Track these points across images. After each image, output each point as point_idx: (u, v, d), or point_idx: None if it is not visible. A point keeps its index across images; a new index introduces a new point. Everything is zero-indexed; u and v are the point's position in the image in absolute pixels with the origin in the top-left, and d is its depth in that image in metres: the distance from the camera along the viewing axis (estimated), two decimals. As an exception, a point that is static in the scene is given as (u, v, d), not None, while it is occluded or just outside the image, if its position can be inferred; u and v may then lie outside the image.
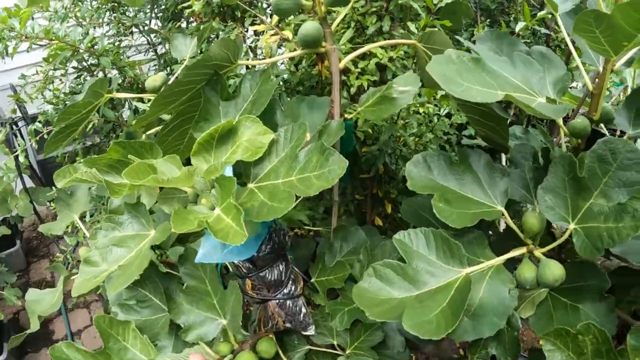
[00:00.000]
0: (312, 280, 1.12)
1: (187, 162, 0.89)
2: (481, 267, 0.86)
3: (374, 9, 1.36)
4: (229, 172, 0.80)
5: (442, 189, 0.92)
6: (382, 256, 1.09)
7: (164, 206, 0.94)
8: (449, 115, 1.79)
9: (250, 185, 0.85)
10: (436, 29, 1.11)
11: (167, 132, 1.08)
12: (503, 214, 0.90)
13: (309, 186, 0.76)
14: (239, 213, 0.69)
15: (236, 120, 0.85)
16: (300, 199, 0.81)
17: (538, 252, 0.89)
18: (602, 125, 1.16)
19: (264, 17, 1.66)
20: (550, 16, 1.62)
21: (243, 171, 0.86)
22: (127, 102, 2.00)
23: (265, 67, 1.04)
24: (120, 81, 1.94)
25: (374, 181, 1.56)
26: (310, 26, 1.01)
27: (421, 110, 1.62)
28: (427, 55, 1.02)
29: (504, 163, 1.65)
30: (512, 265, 0.95)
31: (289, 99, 1.46)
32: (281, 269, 0.97)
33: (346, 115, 1.12)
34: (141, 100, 1.64)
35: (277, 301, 0.99)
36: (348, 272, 1.07)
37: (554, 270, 0.84)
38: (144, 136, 1.33)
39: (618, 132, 1.50)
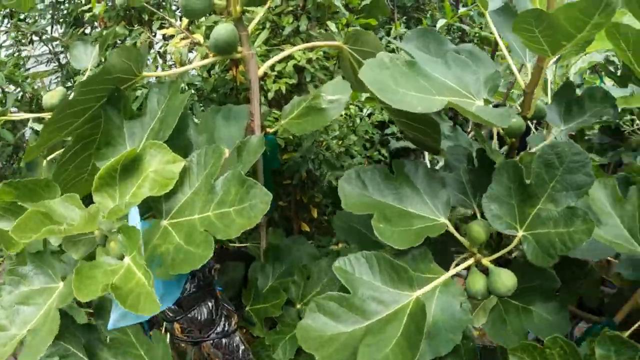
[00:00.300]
0: (247, 308, 0.97)
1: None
2: (431, 286, 0.75)
3: (290, 8, 1.21)
4: (134, 214, 0.63)
5: (380, 206, 0.79)
6: (318, 276, 0.97)
7: (71, 251, 0.75)
8: (369, 114, 1.69)
9: (164, 222, 0.68)
10: (358, 28, 0.98)
11: (67, 159, 0.88)
12: (447, 226, 0.79)
13: (229, 224, 0.61)
14: (149, 276, 0.52)
15: (140, 148, 0.68)
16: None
17: (486, 261, 0.79)
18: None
19: (173, 20, 1.46)
20: (472, 13, 1.55)
21: (153, 205, 0.69)
22: (29, 121, 1.72)
23: (175, 78, 0.87)
24: (18, 97, 1.66)
25: (297, 187, 1.41)
26: (223, 29, 0.85)
27: (343, 112, 1.49)
28: (354, 58, 0.89)
29: (426, 161, 1.57)
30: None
31: (202, 108, 1.28)
32: (210, 306, 0.81)
33: (268, 129, 0.97)
34: (42, 119, 1.39)
35: (212, 341, 0.83)
36: (284, 299, 0.92)
37: (505, 281, 0.75)
38: (44, 162, 1.11)
39: (534, 123, 1.45)
